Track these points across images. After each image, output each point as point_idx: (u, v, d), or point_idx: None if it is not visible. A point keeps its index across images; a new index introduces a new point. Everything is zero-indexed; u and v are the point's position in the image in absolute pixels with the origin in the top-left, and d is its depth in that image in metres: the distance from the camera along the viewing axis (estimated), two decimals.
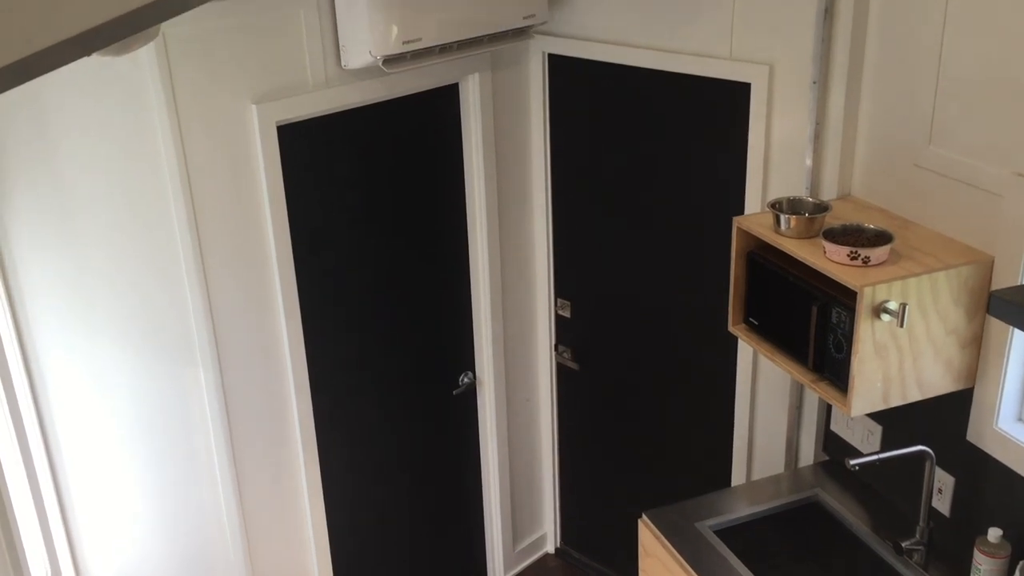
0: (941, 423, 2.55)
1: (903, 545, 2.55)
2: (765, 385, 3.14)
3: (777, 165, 2.88)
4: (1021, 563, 2.32)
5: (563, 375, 3.92)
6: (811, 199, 2.56)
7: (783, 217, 2.48)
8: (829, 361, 2.42)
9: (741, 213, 3.02)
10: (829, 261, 2.34)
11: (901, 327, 2.28)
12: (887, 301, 2.24)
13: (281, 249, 2.97)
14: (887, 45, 2.52)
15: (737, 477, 3.34)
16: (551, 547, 4.28)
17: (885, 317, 2.25)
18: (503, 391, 3.82)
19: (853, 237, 2.37)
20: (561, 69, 3.46)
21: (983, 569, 2.38)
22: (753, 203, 2.97)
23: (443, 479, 3.80)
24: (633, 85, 3.24)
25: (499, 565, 4.07)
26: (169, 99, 2.60)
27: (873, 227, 2.39)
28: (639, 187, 3.36)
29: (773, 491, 2.87)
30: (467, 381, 3.74)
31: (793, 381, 3.01)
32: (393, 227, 3.34)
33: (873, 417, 2.78)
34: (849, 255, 2.30)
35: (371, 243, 3.29)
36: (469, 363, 3.74)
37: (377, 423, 3.50)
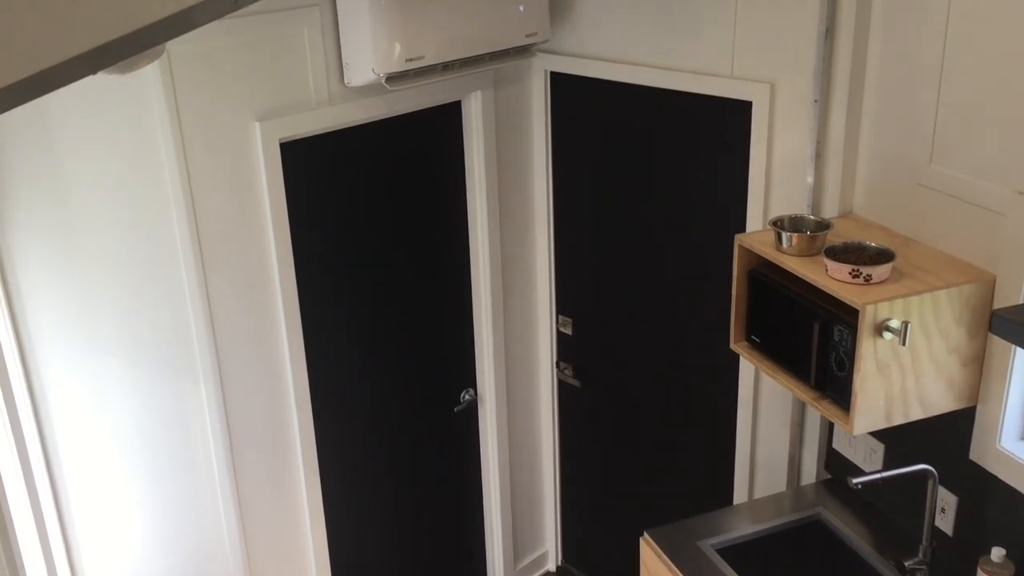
0: (944, 442, 2.55)
1: (906, 564, 2.54)
2: (767, 403, 3.14)
3: (778, 183, 2.88)
4: None
5: (564, 392, 3.91)
6: (813, 217, 2.57)
7: (785, 235, 2.48)
8: (831, 379, 2.42)
9: (742, 230, 3.02)
10: (831, 279, 2.34)
11: (903, 345, 2.27)
12: (889, 319, 2.24)
13: (283, 266, 2.97)
14: (888, 63, 2.53)
15: (739, 495, 3.33)
16: (552, 565, 4.26)
17: (887, 335, 2.25)
18: (504, 408, 3.81)
19: (855, 255, 2.37)
20: (563, 87, 3.47)
21: None
22: (755, 221, 2.97)
23: (444, 496, 3.79)
24: (635, 103, 3.25)
25: None
26: (173, 116, 2.61)
27: (875, 245, 2.40)
28: (640, 204, 3.36)
29: (775, 509, 2.86)
30: (468, 398, 3.74)
31: (795, 399, 3.00)
32: (395, 244, 3.34)
33: (875, 435, 2.77)
34: (851, 273, 2.30)
35: (373, 260, 3.29)
36: (470, 380, 3.74)
37: (378, 439, 3.50)
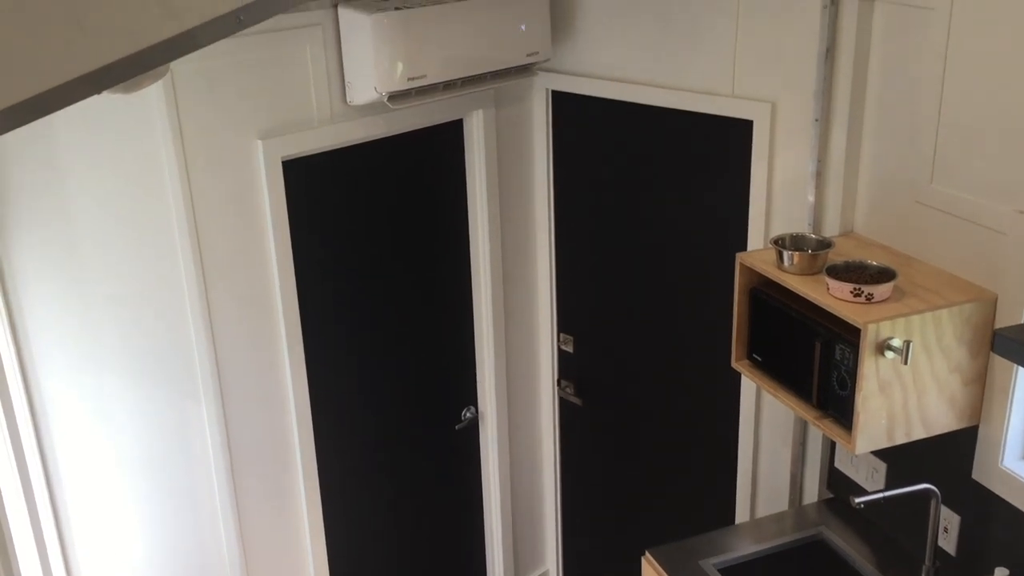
0: (946, 461, 2.54)
1: None
2: (768, 422, 3.13)
3: (779, 201, 2.89)
4: None
5: (565, 410, 3.91)
6: (814, 235, 2.57)
7: (786, 253, 2.48)
8: (833, 398, 2.41)
9: (744, 249, 3.03)
10: (832, 297, 2.34)
11: (905, 364, 2.27)
12: (891, 338, 2.24)
13: (285, 284, 2.97)
14: (888, 83, 2.54)
15: (741, 514, 3.32)
16: None
17: (889, 354, 2.25)
18: (505, 426, 3.80)
19: (856, 274, 2.37)
20: (564, 106, 3.48)
21: None
22: (756, 239, 2.97)
23: (445, 513, 3.78)
24: (636, 121, 3.26)
25: None
26: (176, 134, 2.62)
27: (876, 264, 2.40)
28: (642, 222, 3.37)
29: (777, 529, 2.85)
30: (469, 416, 3.73)
31: (797, 418, 3.00)
32: (396, 262, 3.35)
33: (878, 455, 2.76)
34: (852, 292, 2.30)
35: (374, 278, 3.30)
36: (471, 397, 3.73)
37: (379, 457, 3.49)
